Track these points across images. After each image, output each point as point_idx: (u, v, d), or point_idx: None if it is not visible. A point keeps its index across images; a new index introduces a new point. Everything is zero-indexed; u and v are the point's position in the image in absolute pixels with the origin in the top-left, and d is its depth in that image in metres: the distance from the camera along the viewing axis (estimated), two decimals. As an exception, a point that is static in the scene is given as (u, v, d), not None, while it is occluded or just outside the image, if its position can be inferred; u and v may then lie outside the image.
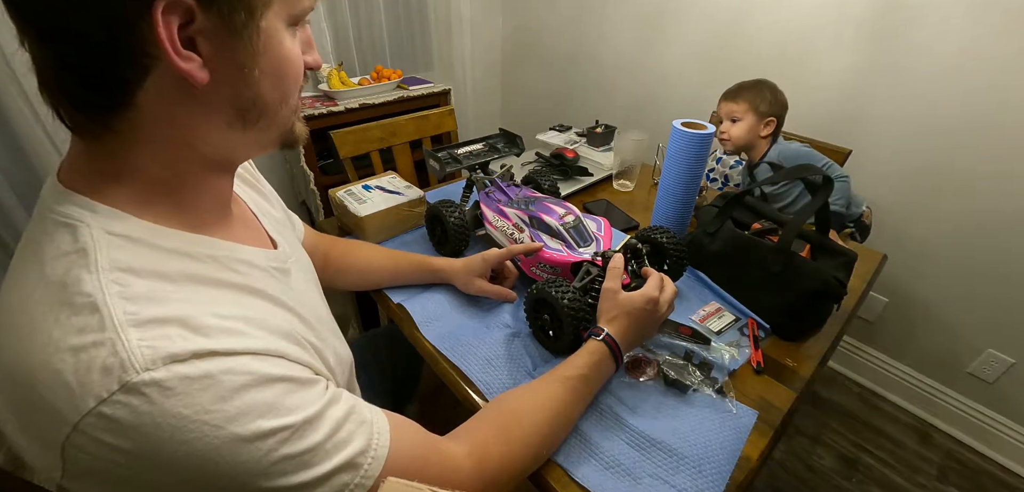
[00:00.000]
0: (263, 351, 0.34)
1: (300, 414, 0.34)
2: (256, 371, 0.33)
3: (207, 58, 0.33)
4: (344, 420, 0.37)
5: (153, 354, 0.29)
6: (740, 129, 1.26)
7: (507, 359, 0.66)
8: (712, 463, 0.54)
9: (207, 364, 0.31)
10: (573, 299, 0.63)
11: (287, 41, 0.37)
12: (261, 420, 0.32)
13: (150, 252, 0.35)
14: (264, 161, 1.93)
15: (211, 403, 0.30)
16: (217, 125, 0.37)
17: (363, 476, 0.37)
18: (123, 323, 0.30)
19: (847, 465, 1.40)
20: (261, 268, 0.43)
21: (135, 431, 0.29)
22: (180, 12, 0.31)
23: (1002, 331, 1.33)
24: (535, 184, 1.01)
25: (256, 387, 0.32)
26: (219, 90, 0.35)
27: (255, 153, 0.43)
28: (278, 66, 0.37)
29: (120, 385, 0.28)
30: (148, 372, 0.29)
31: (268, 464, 0.32)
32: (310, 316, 0.45)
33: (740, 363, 0.67)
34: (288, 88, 0.39)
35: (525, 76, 2.46)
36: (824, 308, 0.73)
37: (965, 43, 1.18)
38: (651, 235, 0.78)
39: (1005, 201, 1.22)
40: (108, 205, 0.35)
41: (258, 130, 0.39)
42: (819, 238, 0.79)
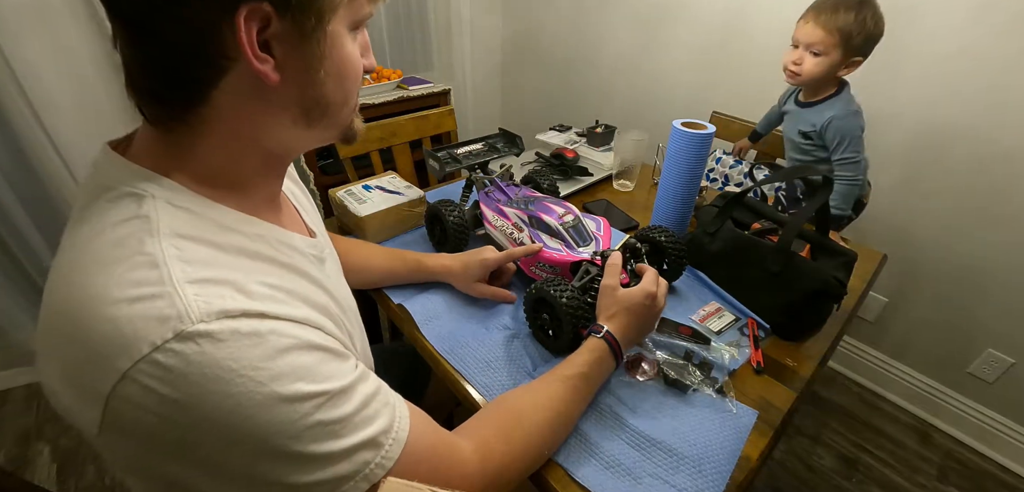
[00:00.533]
0: (305, 320, 0.37)
1: (335, 382, 0.36)
2: (299, 336, 0.35)
3: (279, 60, 0.35)
4: (372, 397, 0.39)
5: (208, 307, 0.31)
6: (819, 66, 1.03)
7: (507, 360, 0.66)
8: (712, 463, 0.54)
9: (256, 323, 0.33)
10: (572, 298, 0.63)
11: (349, 45, 0.40)
12: (301, 383, 0.33)
13: (207, 224, 0.37)
14: (264, 161, 1.93)
15: (258, 360, 0.32)
16: (283, 122, 0.40)
17: (383, 456, 0.38)
18: (181, 280, 0.32)
19: (847, 465, 1.40)
20: (303, 253, 0.46)
21: (185, 380, 0.30)
22: (259, 18, 0.33)
23: (1002, 331, 1.33)
24: (535, 184, 1.01)
25: (298, 350, 0.34)
26: (288, 90, 0.37)
27: (314, 146, 0.46)
28: (341, 68, 0.39)
29: (175, 334, 0.30)
30: (203, 323, 0.30)
31: (302, 427, 0.33)
32: (343, 303, 0.48)
33: (740, 363, 0.67)
34: (349, 88, 0.42)
35: (525, 76, 2.46)
36: (824, 308, 0.73)
37: (965, 43, 1.18)
38: (650, 235, 0.78)
39: (1005, 201, 1.22)
40: (173, 181, 0.37)
41: (321, 127, 0.42)
42: (819, 238, 0.79)
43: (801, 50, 1.06)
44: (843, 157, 1.08)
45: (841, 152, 1.08)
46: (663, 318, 0.73)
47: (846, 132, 1.06)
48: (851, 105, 1.08)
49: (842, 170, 1.09)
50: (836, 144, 1.08)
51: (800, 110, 1.15)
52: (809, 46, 1.04)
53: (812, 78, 1.07)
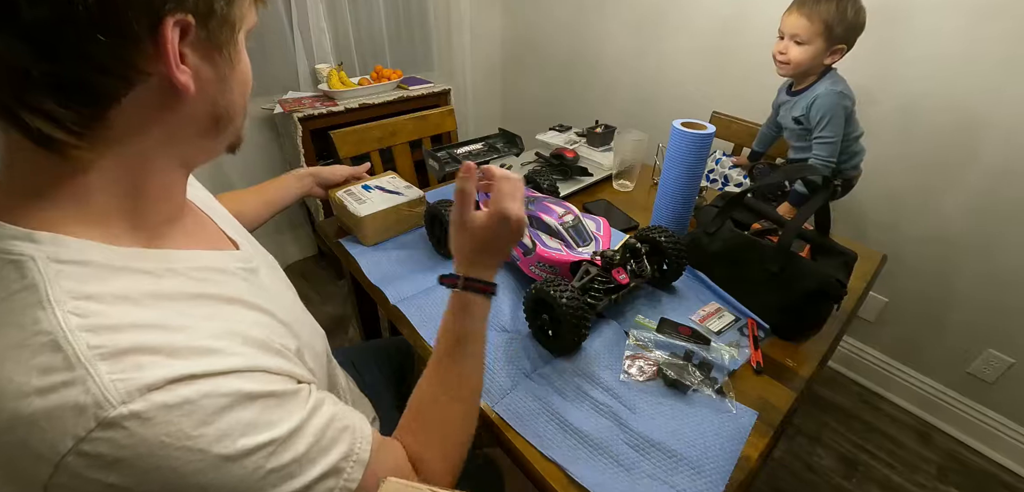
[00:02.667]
0: (242, 369, 0.34)
1: (283, 426, 0.34)
2: (236, 390, 0.32)
3: (194, 70, 0.34)
4: (326, 427, 0.38)
5: (128, 386, 0.29)
6: (804, 54, 1.08)
7: (506, 361, 0.66)
8: (712, 463, 0.54)
9: (185, 389, 0.30)
10: (572, 298, 0.63)
11: (245, 54, 0.40)
12: (244, 438, 0.32)
13: (106, 274, 0.33)
14: (264, 162, 1.93)
15: (193, 428, 0.30)
16: (189, 135, 0.38)
17: (346, 480, 0.38)
18: (90, 358, 0.29)
19: (847, 465, 1.40)
20: (227, 271, 0.43)
21: (120, 464, 0.28)
22: (181, 28, 0.32)
23: (1002, 331, 1.33)
24: (535, 184, 1.01)
25: (237, 406, 0.32)
26: (200, 101, 0.36)
27: (211, 158, 0.44)
28: (244, 76, 0.40)
29: (97, 422, 0.28)
30: (125, 405, 0.28)
31: (256, 479, 0.33)
32: (284, 314, 0.44)
33: (740, 363, 0.67)
34: (248, 95, 0.42)
35: (525, 76, 2.46)
36: (824, 308, 0.73)
37: (965, 43, 1.18)
38: (650, 235, 0.78)
39: (1005, 201, 1.22)
40: (47, 231, 0.32)
41: (224, 137, 0.42)
42: (819, 238, 0.79)
43: (787, 40, 1.11)
44: (821, 136, 1.11)
45: (820, 130, 1.11)
46: (663, 318, 0.73)
47: (828, 109, 1.09)
48: (836, 85, 1.11)
49: (818, 147, 1.12)
50: (817, 120, 1.11)
51: (792, 99, 1.19)
52: (793, 36, 1.09)
53: (799, 66, 1.11)
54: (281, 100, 1.79)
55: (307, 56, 1.85)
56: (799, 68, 1.11)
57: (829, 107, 1.09)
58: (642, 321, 0.74)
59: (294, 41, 1.80)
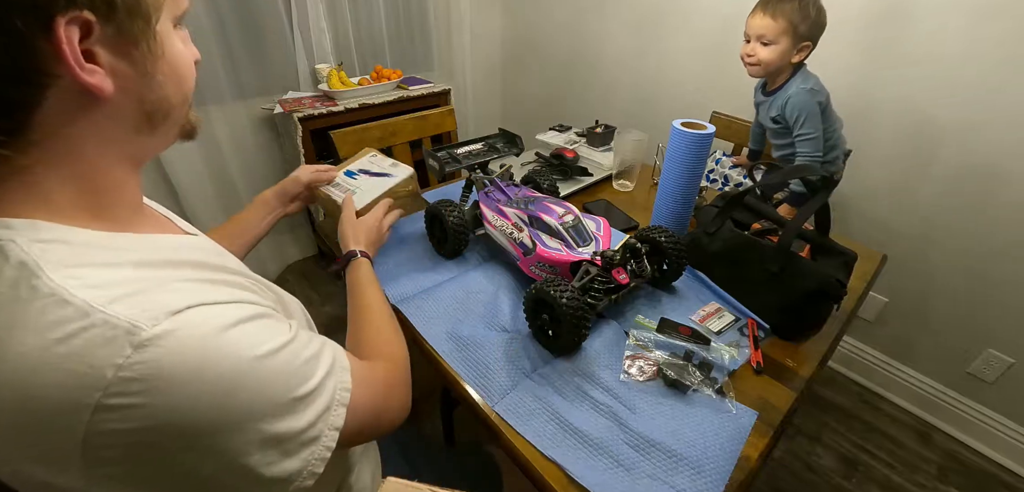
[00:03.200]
0: (230, 300, 0.37)
1: (287, 334, 0.39)
2: (240, 314, 0.36)
3: (109, 68, 0.33)
4: (311, 339, 0.42)
5: (153, 311, 0.30)
6: (772, 53, 1.10)
7: (506, 361, 0.66)
8: (712, 463, 0.54)
9: (201, 312, 0.33)
10: (572, 298, 0.63)
11: (176, 42, 0.39)
12: (267, 342, 0.36)
13: (86, 250, 0.34)
14: (262, 161, 1.93)
15: (225, 340, 0.33)
16: (124, 132, 0.37)
17: (341, 382, 0.42)
18: (103, 303, 0.30)
19: (847, 465, 1.40)
20: (193, 248, 0.45)
21: (163, 380, 0.29)
22: (79, 26, 0.30)
23: (1002, 331, 1.33)
24: (535, 184, 1.01)
25: (247, 322, 0.36)
26: (125, 99, 0.35)
27: (161, 150, 0.44)
28: (175, 66, 0.39)
29: (133, 347, 0.29)
30: (156, 325, 0.30)
31: (293, 370, 0.37)
32: (259, 278, 0.48)
33: (740, 363, 0.67)
34: (186, 89, 0.41)
35: (525, 76, 2.46)
36: (824, 308, 0.73)
37: (965, 44, 1.18)
38: (650, 235, 0.78)
39: (1005, 200, 1.22)
40: (24, 219, 0.33)
41: (164, 130, 0.41)
42: (819, 238, 0.79)
43: (754, 42, 1.13)
44: (802, 133, 1.13)
45: (800, 128, 1.13)
46: (663, 318, 0.73)
47: (802, 107, 1.11)
48: (806, 82, 1.13)
49: (801, 146, 1.14)
50: (794, 120, 1.13)
51: (767, 99, 1.21)
52: (760, 37, 1.11)
53: (768, 66, 1.13)
54: (281, 100, 1.79)
55: (307, 56, 1.85)
56: (768, 68, 1.14)
57: (802, 105, 1.11)
58: (642, 321, 0.74)
59: (294, 41, 1.80)
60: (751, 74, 1.20)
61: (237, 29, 1.67)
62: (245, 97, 1.78)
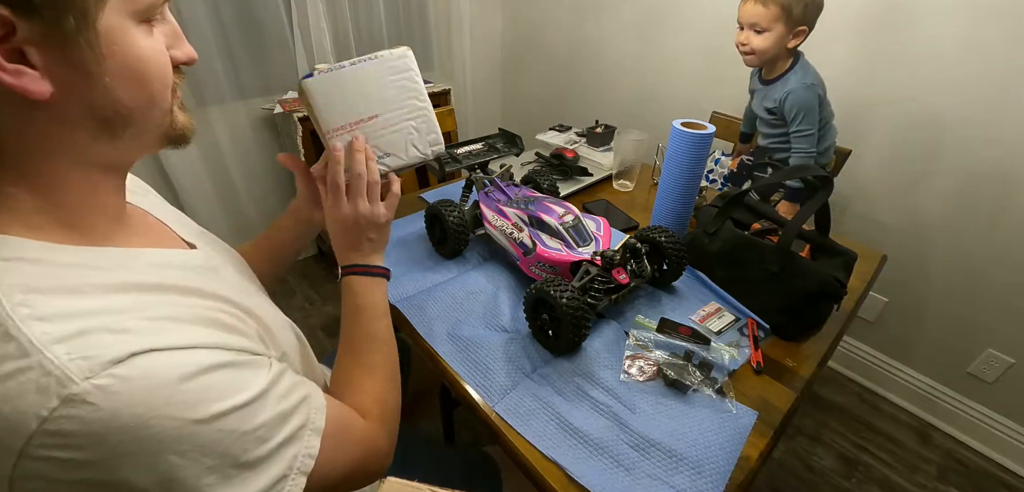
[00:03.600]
0: (199, 345, 0.34)
1: (247, 393, 0.35)
2: (196, 363, 0.33)
3: (44, 69, 0.31)
4: (288, 393, 0.40)
5: (90, 362, 0.28)
6: (766, 41, 1.07)
7: (505, 361, 0.66)
8: (712, 463, 0.54)
9: (146, 361, 0.30)
10: (571, 298, 0.63)
11: (140, 39, 0.34)
12: (214, 403, 0.33)
13: (50, 269, 0.33)
14: (263, 161, 1.93)
15: (160, 397, 0.30)
16: (81, 139, 0.35)
17: (307, 448, 0.40)
18: (45, 343, 0.28)
19: (847, 465, 1.40)
20: (184, 267, 0.43)
21: (89, 439, 0.28)
22: None
23: (1002, 331, 1.33)
24: (535, 184, 1.01)
25: (200, 375, 0.33)
26: (70, 103, 0.32)
27: (136, 157, 0.40)
28: (134, 67, 0.34)
29: (61, 400, 0.27)
30: (88, 380, 0.28)
31: (231, 442, 0.33)
32: (247, 301, 0.44)
33: (740, 363, 0.67)
34: (153, 90, 0.36)
35: (525, 76, 2.46)
36: (824, 308, 0.73)
37: (965, 43, 1.18)
38: (650, 235, 0.78)
39: (1005, 200, 1.22)
40: None
41: (131, 138, 0.37)
42: (819, 238, 0.79)
43: (747, 30, 1.11)
44: (799, 129, 1.13)
45: (797, 124, 1.13)
46: (663, 318, 0.73)
47: (802, 105, 1.11)
48: (806, 78, 1.12)
49: (797, 142, 1.14)
50: (793, 116, 1.13)
51: (764, 87, 1.20)
52: (752, 24, 1.09)
53: (764, 54, 1.11)
54: (281, 100, 1.79)
55: (307, 56, 1.85)
56: (764, 56, 1.12)
57: (802, 102, 1.11)
58: (642, 321, 0.74)
59: (294, 41, 1.80)
60: (747, 63, 1.19)
61: (237, 29, 1.66)
62: (245, 97, 1.78)
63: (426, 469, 0.75)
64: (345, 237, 0.59)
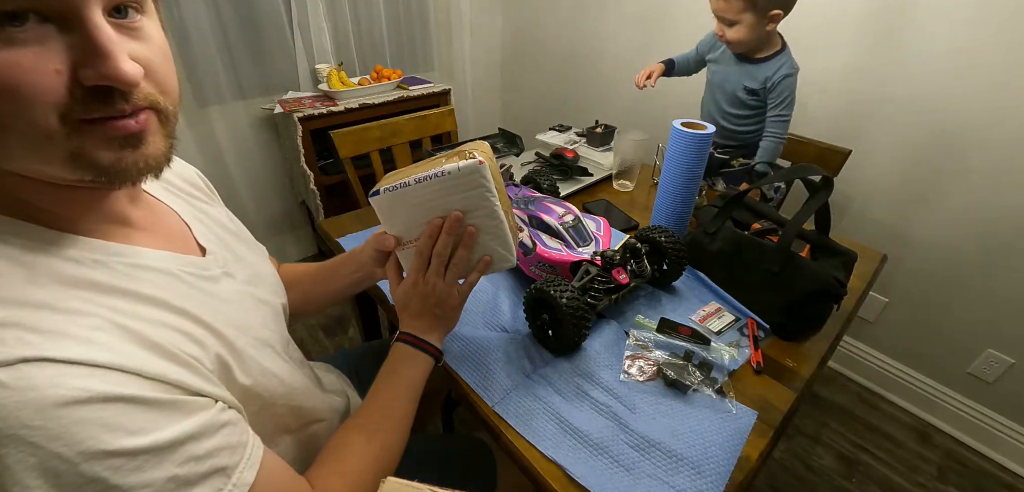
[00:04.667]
0: (112, 366, 0.31)
1: (143, 440, 0.31)
2: (94, 388, 0.29)
3: None
4: (204, 456, 0.34)
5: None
6: (739, 32, 1.08)
7: (505, 361, 0.66)
8: (712, 463, 0.54)
9: (34, 370, 0.28)
10: (571, 298, 0.63)
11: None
12: (90, 441, 0.29)
13: (18, 252, 0.33)
14: (263, 161, 1.93)
15: (31, 415, 0.27)
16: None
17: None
18: None
19: (847, 465, 1.40)
20: (166, 272, 0.41)
21: None
22: None
23: (1002, 331, 1.33)
24: (535, 184, 1.01)
25: (89, 403, 0.29)
26: None
27: (49, 175, 0.34)
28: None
29: None
30: None
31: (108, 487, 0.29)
32: (230, 330, 0.43)
33: (740, 363, 0.67)
34: (9, 108, 0.30)
35: (525, 76, 2.46)
36: (824, 308, 0.73)
37: (965, 43, 1.18)
38: (650, 235, 0.78)
39: (1005, 200, 1.22)
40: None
41: (4, 158, 0.32)
42: (819, 238, 0.79)
43: (720, 23, 1.12)
44: (780, 114, 1.14)
45: (780, 109, 1.14)
46: (663, 318, 0.73)
47: (790, 90, 1.13)
48: (793, 67, 1.14)
49: (774, 126, 1.15)
50: (778, 101, 1.13)
51: (746, 66, 1.18)
52: (721, 19, 1.10)
53: (741, 43, 1.12)
54: (281, 100, 1.79)
55: (307, 56, 1.85)
56: (743, 46, 1.13)
57: (789, 89, 1.13)
58: (642, 321, 0.74)
59: (294, 40, 1.80)
60: (733, 52, 1.19)
61: (237, 29, 1.67)
62: (245, 97, 1.78)
63: (421, 457, 0.73)
64: (416, 303, 0.59)
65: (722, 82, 1.24)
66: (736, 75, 1.21)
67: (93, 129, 0.32)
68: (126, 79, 0.32)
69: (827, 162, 1.28)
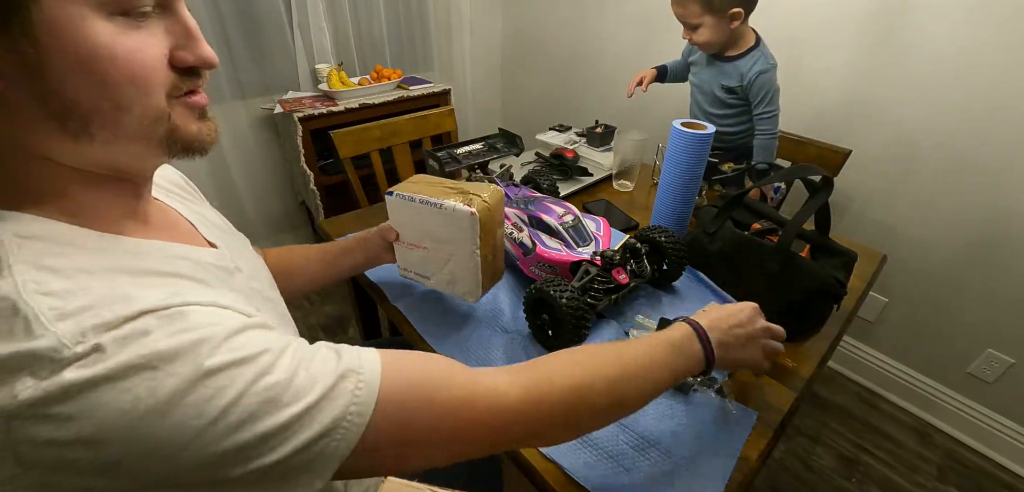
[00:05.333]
0: (205, 302, 0.32)
1: (270, 347, 0.32)
2: (201, 317, 0.31)
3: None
4: (319, 348, 0.36)
5: (81, 328, 0.28)
6: (704, 35, 1.09)
7: (506, 361, 0.66)
8: (712, 464, 0.54)
9: (144, 321, 0.29)
10: (572, 298, 0.63)
11: (101, 31, 0.30)
12: (221, 354, 0.30)
13: (68, 249, 0.32)
14: (263, 161, 1.93)
15: (169, 347, 0.29)
16: (45, 137, 0.32)
17: (356, 390, 0.34)
18: (50, 318, 0.28)
19: (847, 465, 1.40)
20: (203, 264, 0.41)
21: (85, 408, 0.26)
22: None
23: (1002, 331, 1.33)
24: (534, 184, 1.01)
25: (203, 327, 0.30)
26: (21, 98, 0.30)
27: (128, 163, 0.37)
28: (85, 63, 0.30)
29: (53, 363, 0.26)
30: (80, 344, 0.27)
31: (236, 403, 0.30)
32: (263, 306, 0.43)
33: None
34: (118, 93, 0.32)
35: (525, 76, 2.46)
36: (824, 308, 0.73)
37: (965, 43, 1.18)
38: (650, 235, 0.78)
39: (1005, 200, 1.22)
40: (12, 211, 0.32)
41: (102, 142, 0.33)
42: (819, 238, 0.79)
43: (686, 28, 1.12)
44: (765, 111, 1.13)
45: (764, 106, 1.13)
46: (662, 318, 0.73)
47: (769, 86, 1.11)
48: (770, 60, 1.13)
49: (763, 124, 1.14)
50: (760, 98, 1.12)
51: (719, 65, 1.18)
52: (684, 24, 1.10)
53: (709, 46, 1.12)
54: (281, 100, 1.79)
55: (307, 55, 1.85)
56: (712, 47, 1.13)
57: (769, 84, 1.12)
58: (642, 321, 0.74)
59: (294, 40, 1.80)
60: (705, 52, 1.18)
61: (237, 29, 1.67)
62: (245, 97, 1.78)
63: None
64: (742, 337, 0.55)
65: (701, 84, 1.24)
66: (711, 75, 1.20)
67: (179, 106, 0.36)
68: (213, 59, 0.37)
69: (827, 162, 1.28)
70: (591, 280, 0.70)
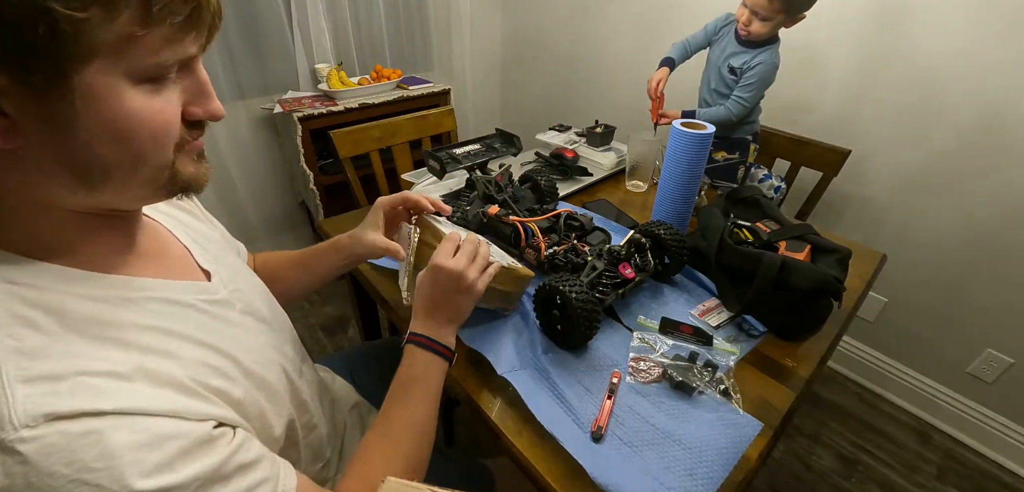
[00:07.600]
0: (157, 412, 0.33)
1: (188, 472, 0.33)
2: (148, 429, 0.32)
3: (15, 119, 0.29)
4: (253, 486, 0.37)
5: (35, 410, 0.28)
6: (765, 28, 1.12)
7: (515, 343, 0.68)
8: (712, 463, 0.54)
9: (94, 422, 0.30)
10: (581, 293, 0.63)
11: (133, 99, 0.32)
12: (148, 478, 0.30)
13: (54, 297, 0.33)
14: (262, 161, 1.93)
15: (94, 460, 0.29)
16: (57, 187, 0.33)
17: None
18: (12, 381, 0.29)
19: (847, 465, 1.40)
20: (184, 304, 0.42)
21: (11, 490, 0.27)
22: None
23: (1002, 331, 1.33)
24: (533, 184, 1.01)
25: (145, 447, 0.31)
26: (41, 153, 0.31)
27: (129, 206, 0.40)
28: (116, 127, 0.32)
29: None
30: (27, 429, 0.28)
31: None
32: (245, 357, 0.43)
33: (743, 355, 0.68)
34: (140, 150, 0.34)
35: (525, 76, 2.46)
36: (824, 306, 0.73)
37: (965, 44, 1.18)
38: (651, 230, 0.79)
39: (1004, 201, 1.22)
40: (5, 250, 0.34)
41: (112, 191, 0.35)
42: (816, 238, 0.79)
43: (749, 12, 1.14)
44: (740, 96, 1.19)
45: (741, 90, 1.19)
46: (664, 318, 0.73)
47: (764, 78, 1.17)
48: (776, 58, 1.18)
49: (733, 104, 1.20)
50: (748, 82, 1.18)
51: (739, 48, 1.22)
52: (755, 12, 1.13)
53: (759, 36, 1.16)
54: (281, 100, 1.79)
55: (307, 55, 1.85)
56: (759, 38, 1.17)
57: (766, 76, 1.17)
58: (644, 321, 0.74)
59: (294, 40, 1.80)
60: (740, 33, 1.20)
61: (237, 29, 1.67)
62: (245, 97, 1.78)
63: None
64: (435, 291, 0.58)
65: (716, 60, 1.27)
66: (726, 53, 1.24)
67: (181, 153, 0.37)
68: (222, 114, 0.40)
69: (827, 162, 1.28)
70: (599, 276, 0.71)
